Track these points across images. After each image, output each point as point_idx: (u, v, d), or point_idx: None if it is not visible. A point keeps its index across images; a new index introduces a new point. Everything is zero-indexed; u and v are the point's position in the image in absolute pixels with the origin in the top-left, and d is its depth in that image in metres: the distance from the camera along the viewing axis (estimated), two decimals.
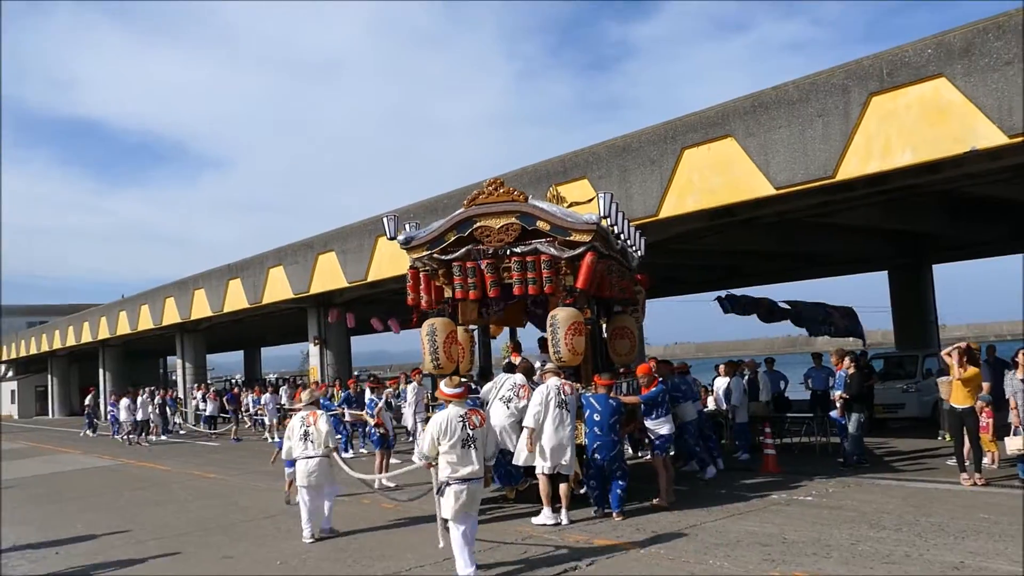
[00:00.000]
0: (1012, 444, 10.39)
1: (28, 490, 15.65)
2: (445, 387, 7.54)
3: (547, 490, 9.22)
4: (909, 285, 24.15)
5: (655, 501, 9.92)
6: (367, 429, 15.59)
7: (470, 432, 7.19)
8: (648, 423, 10.09)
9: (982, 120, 10.14)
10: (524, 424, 9.29)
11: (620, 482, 9.44)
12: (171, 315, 32.16)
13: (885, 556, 7.21)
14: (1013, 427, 10.53)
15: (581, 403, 9.58)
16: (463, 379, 9.04)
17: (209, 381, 36.65)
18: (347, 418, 17.33)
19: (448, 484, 7.14)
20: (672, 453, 10.30)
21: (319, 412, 9.62)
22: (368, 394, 14.79)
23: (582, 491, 9.71)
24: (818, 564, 7.07)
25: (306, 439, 9.27)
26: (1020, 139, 9.83)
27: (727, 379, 14.52)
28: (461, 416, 7.25)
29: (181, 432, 28.25)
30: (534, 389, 10.20)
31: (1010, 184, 14.71)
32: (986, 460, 11.23)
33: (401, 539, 9.03)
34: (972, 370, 10.75)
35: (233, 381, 44.86)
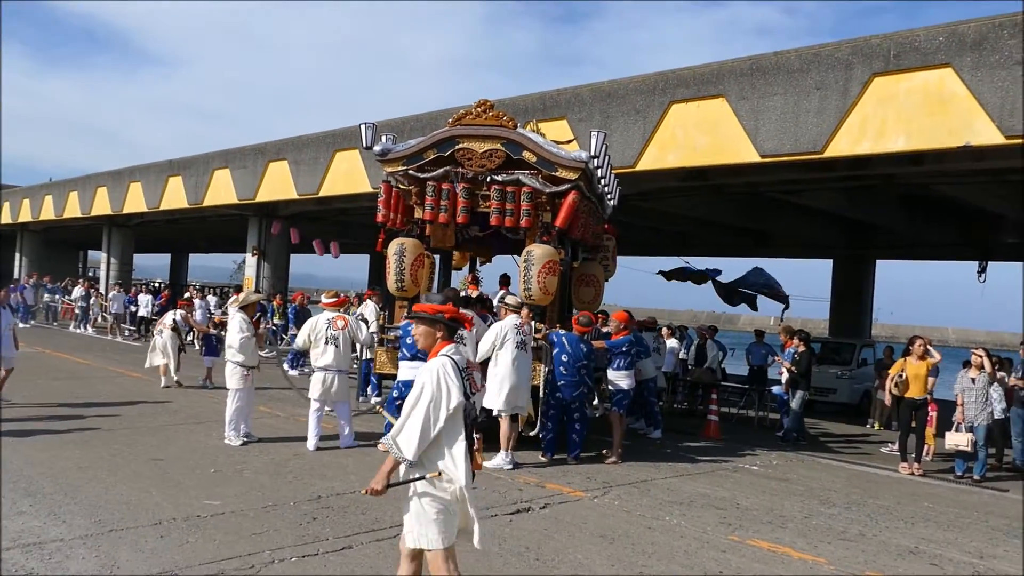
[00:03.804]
0: (954, 439, 10.54)
1: None
2: (325, 298, 9.98)
3: (508, 433, 8.78)
4: (852, 275, 24.50)
5: (605, 452, 9.75)
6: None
7: (332, 332, 9.16)
8: (610, 373, 9.82)
9: (982, 117, 10.01)
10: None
11: (577, 426, 9.21)
12: (102, 206, 30.58)
13: (840, 533, 7.15)
14: (956, 423, 10.68)
15: (548, 342, 9.25)
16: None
17: (133, 281, 35.28)
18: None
19: (314, 371, 9.23)
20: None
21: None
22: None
23: (532, 433, 9.39)
24: (775, 534, 6.97)
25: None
26: (1017, 141, 9.75)
27: (674, 342, 14.54)
28: (328, 320, 9.26)
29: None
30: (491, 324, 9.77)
31: (982, 188, 14.79)
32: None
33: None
34: (930, 362, 10.85)
35: (159, 284, 43.19)
